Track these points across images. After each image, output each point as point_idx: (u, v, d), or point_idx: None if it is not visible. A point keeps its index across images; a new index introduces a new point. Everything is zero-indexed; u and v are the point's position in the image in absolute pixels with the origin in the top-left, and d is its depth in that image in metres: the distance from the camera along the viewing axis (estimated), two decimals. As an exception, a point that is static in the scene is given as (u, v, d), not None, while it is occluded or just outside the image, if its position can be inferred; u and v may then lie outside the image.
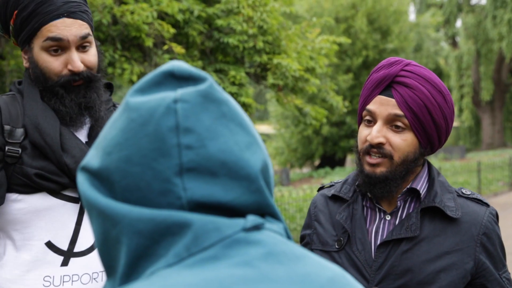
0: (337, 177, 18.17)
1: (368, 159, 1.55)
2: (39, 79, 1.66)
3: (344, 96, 20.11)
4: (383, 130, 1.52)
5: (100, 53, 1.75)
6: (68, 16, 1.64)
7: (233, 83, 7.24)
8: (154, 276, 0.62)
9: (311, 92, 8.13)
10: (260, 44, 7.25)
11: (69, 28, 1.63)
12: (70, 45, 1.64)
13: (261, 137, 0.73)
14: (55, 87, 1.65)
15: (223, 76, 7.23)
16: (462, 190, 1.61)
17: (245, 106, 7.27)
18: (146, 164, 0.65)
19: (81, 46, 1.67)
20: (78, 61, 1.65)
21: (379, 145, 1.52)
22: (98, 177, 0.68)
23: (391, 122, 1.52)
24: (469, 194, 1.60)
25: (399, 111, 1.50)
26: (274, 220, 0.70)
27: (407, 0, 23.89)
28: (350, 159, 28.37)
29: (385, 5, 21.58)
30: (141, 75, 6.27)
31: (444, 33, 30.81)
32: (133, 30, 6.01)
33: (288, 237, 0.71)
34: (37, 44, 1.64)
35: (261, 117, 35.91)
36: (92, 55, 1.69)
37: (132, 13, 6.04)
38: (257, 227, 0.66)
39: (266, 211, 0.69)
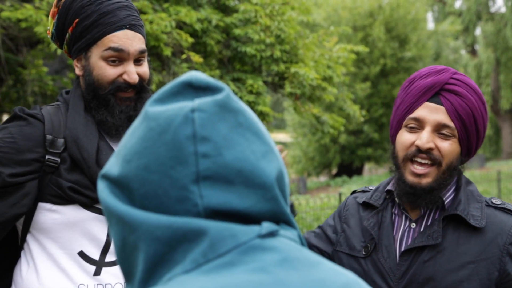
0: (355, 186, 18.05)
1: (413, 169, 1.52)
2: (91, 87, 1.69)
3: (362, 105, 20.02)
4: (432, 136, 1.51)
5: (150, 68, 1.78)
6: (130, 29, 1.68)
7: (250, 92, 7.26)
8: (171, 282, 0.64)
9: (328, 100, 8.12)
10: (277, 53, 7.26)
11: (130, 40, 1.67)
12: (129, 57, 1.68)
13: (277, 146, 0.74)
14: (107, 95, 1.68)
15: (240, 85, 7.25)
16: (492, 199, 1.59)
17: (262, 114, 7.27)
18: (163, 172, 0.66)
19: (137, 60, 1.71)
20: (135, 73, 1.68)
21: (428, 151, 1.51)
22: (118, 184, 0.70)
23: (439, 128, 1.51)
24: (498, 204, 1.57)
25: (448, 120, 1.50)
26: (288, 227, 0.71)
27: (425, 8, 23.75)
28: (368, 167, 28.19)
29: (403, 13, 21.47)
30: (159, 84, 6.31)
31: (463, 41, 30.55)
32: (152, 40, 6.06)
33: (302, 243, 0.72)
34: (96, 53, 1.68)
35: (278, 125, 35.86)
36: (145, 68, 1.73)
37: (151, 22, 6.10)
38: (272, 234, 0.67)
39: (281, 219, 0.70)
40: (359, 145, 21.72)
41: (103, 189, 0.71)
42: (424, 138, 1.50)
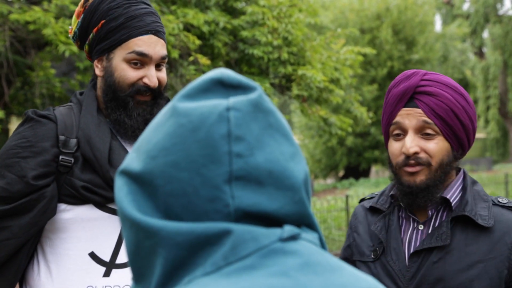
0: (362, 188, 18.03)
1: (406, 168, 1.56)
2: (111, 88, 1.72)
3: (369, 107, 19.98)
4: (415, 140, 1.54)
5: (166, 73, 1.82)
6: (155, 34, 1.73)
7: (258, 94, 7.26)
8: (191, 284, 0.63)
9: (336, 103, 8.12)
10: (284, 55, 7.27)
11: (154, 45, 1.72)
12: (151, 62, 1.72)
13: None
14: (126, 98, 1.71)
15: (248, 87, 7.25)
16: (498, 199, 1.61)
17: (269, 117, 7.27)
18: (195, 170, 0.65)
19: (157, 65, 1.75)
20: (156, 77, 1.72)
21: (415, 155, 1.54)
22: (139, 181, 0.68)
23: (421, 130, 1.54)
24: (505, 203, 1.59)
25: (428, 119, 1.53)
26: (309, 230, 0.71)
27: (433, 11, 23.71)
28: (375, 170, 28.15)
29: (411, 15, 21.43)
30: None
31: (470, 43, 30.48)
32: (160, 42, 6.07)
33: (323, 247, 0.71)
34: (120, 55, 1.71)
35: (285, 128, 35.84)
36: (164, 73, 1.77)
37: (158, 25, 6.11)
38: (293, 237, 0.66)
39: (305, 221, 0.70)
40: (366, 147, 21.69)
41: (120, 188, 0.70)
42: (408, 143, 1.54)
